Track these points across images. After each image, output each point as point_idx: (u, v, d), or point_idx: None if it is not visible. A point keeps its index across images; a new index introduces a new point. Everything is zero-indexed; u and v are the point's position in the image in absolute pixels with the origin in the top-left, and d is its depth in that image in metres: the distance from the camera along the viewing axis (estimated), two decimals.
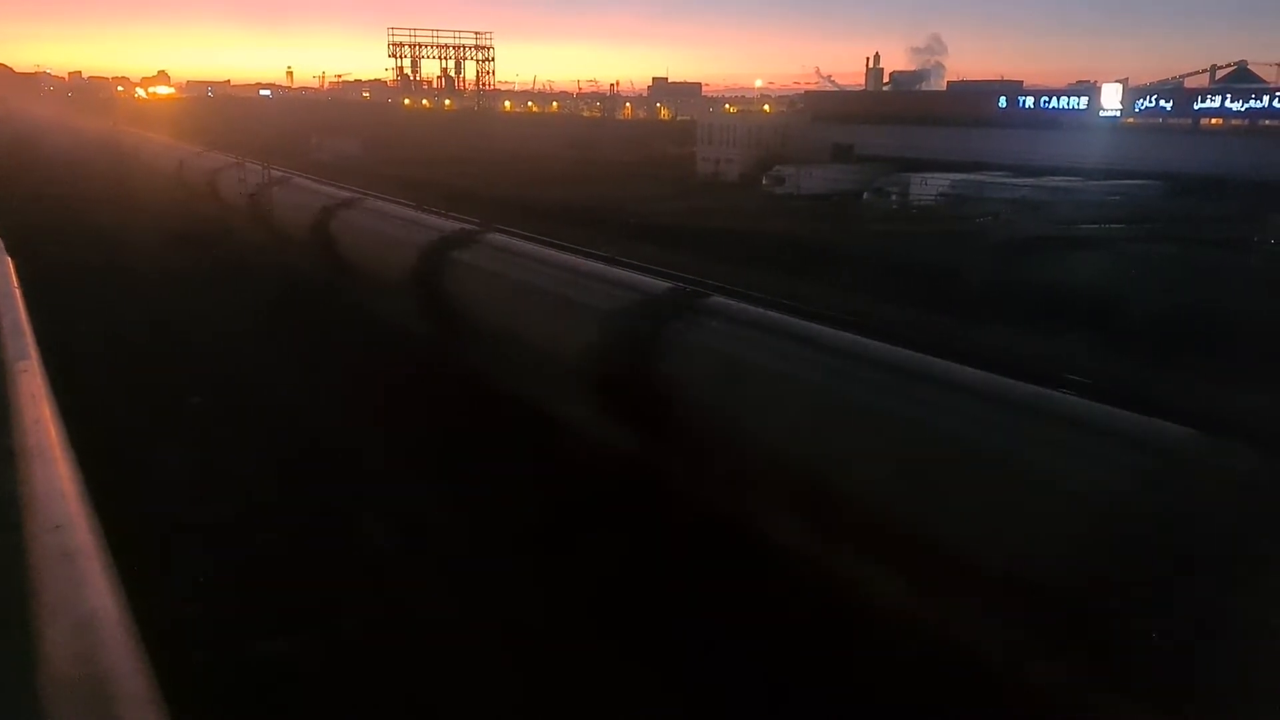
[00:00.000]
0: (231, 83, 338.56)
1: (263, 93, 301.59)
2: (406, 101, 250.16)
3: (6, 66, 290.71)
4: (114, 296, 30.50)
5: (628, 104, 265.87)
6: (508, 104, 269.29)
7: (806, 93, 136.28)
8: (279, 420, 19.93)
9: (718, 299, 15.77)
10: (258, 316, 28.70)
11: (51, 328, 9.34)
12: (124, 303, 29.84)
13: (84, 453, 5.34)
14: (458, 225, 25.59)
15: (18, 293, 8.72)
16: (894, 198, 71.75)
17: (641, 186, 77.09)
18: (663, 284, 16.91)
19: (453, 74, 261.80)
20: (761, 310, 15.11)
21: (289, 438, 18.92)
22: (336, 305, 28.99)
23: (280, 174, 41.29)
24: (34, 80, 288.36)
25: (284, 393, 21.81)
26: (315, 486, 16.48)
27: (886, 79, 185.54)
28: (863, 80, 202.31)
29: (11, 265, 11.84)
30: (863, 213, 66.11)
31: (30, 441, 4.70)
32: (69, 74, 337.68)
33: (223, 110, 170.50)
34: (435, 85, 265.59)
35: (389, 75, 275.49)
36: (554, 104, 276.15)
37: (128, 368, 22.85)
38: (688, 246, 40.11)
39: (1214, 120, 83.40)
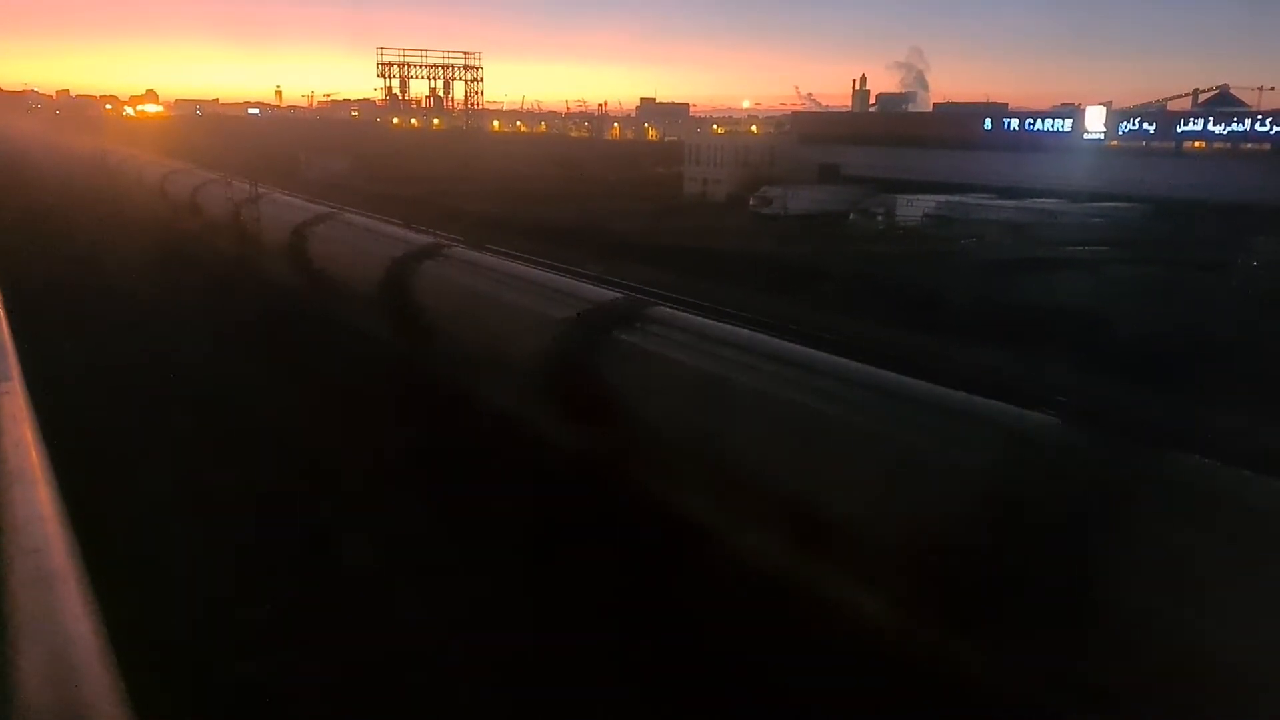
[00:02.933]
0: (220, 101, 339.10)
1: (251, 111, 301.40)
2: (395, 121, 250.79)
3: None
4: (95, 315, 30.64)
5: (615, 124, 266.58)
6: (496, 124, 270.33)
7: (794, 114, 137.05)
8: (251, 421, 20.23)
9: (661, 308, 17.03)
10: (237, 330, 29.06)
11: (35, 346, 9.40)
12: (106, 321, 29.99)
13: (64, 472, 5.42)
14: (426, 240, 26.51)
15: (0, 313, 8.78)
16: (880, 218, 72.08)
17: (627, 205, 77.52)
18: (610, 294, 18.33)
19: (441, 94, 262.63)
20: (700, 319, 16.62)
21: (264, 441, 19.17)
22: (310, 314, 29.62)
23: (262, 191, 41.83)
24: (21, 98, 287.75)
25: (259, 399, 22.20)
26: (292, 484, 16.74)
27: (873, 100, 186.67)
28: (849, 101, 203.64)
29: None
30: (849, 233, 66.45)
31: (10, 464, 4.72)
32: (57, 92, 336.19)
33: (211, 128, 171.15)
34: (424, 104, 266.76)
35: (378, 94, 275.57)
36: (542, 124, 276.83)
37: (110, 386, 22.88)
38: (670, 265, 40.31)
39: (1197, 143, 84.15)
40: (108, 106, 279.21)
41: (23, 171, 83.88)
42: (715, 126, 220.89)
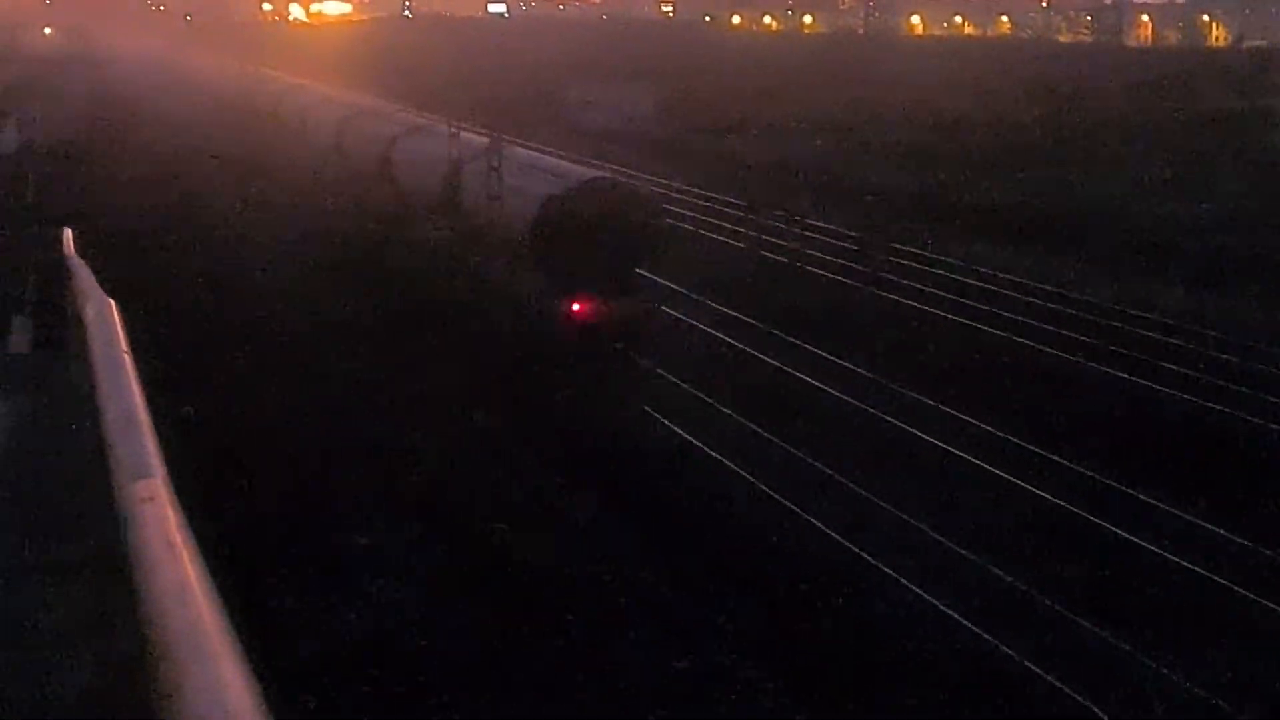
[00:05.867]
0: None
1: (494, 9, 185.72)
2: (736, 20, 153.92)
3: None
4: (236, 361, 21.23)
5: (1144, 17, 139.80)
6: (915, 20, 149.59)
7: None
8: None
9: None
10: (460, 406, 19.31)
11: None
12: (247, 369, 21.00)
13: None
14: None
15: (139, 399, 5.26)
16: None
17: (1193, 171, 39.47)
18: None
19: None
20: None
21: None
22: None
23: (513, 150, 27.35)
24: None
25: None
26: None
27: None
28: None
29: (119, 319, 7.66)
30: None
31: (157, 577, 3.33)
32: None
33: (429, 39, 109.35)
34: None
35: None
36: (1003, 19, 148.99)
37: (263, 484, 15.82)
38: None
39: None
40: (265, 6, 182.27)
41: (138, 122, 55.07)
42: None
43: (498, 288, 24.57)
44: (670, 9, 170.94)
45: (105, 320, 7.40)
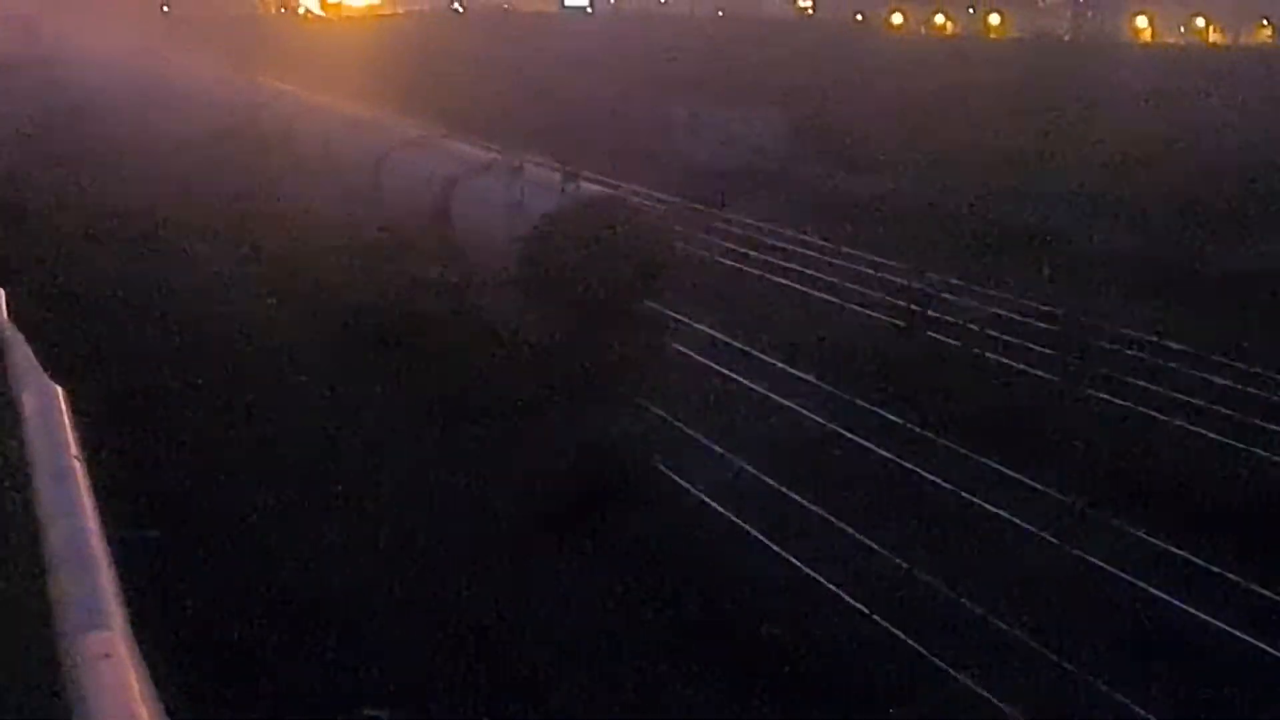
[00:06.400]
0: None
1: (573, 2, 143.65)
2: (897, 19, 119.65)
3: None
4: (229, 475, 16.65)
5: None
6: (1142, 23, 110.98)
7: None
8: None
9: None
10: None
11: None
12: (239, 482, 16.49)
13: None
14: None
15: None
16: None
17: None
18: None
19: None
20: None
21: None
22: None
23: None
24: None
25: None
26: None
27: None
28: None
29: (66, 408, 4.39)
30: None
31: None
32: None
33: (487, 44, 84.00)
34: None
35: None
36: (1264, 23, 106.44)
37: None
38: None
39: None
40: None
41: (99, 146, 42.23)
42: None
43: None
44: (809, 5, 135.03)
45: (49, 413, 5.46)
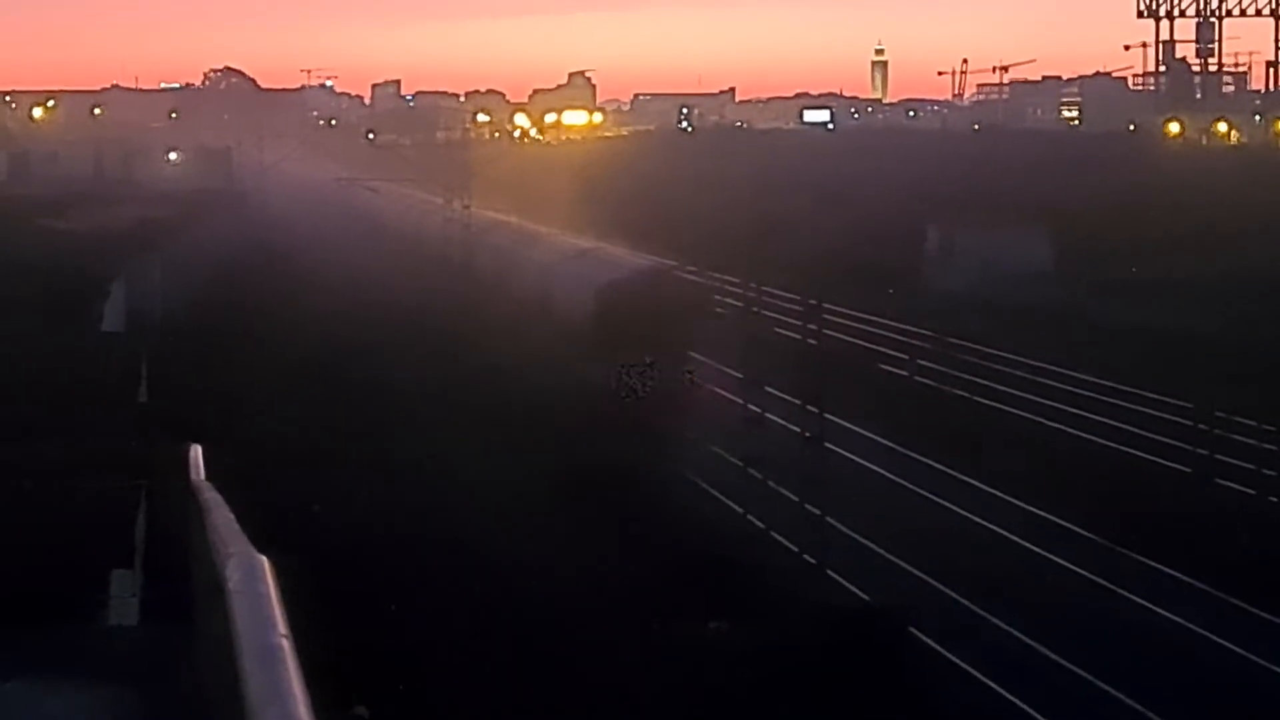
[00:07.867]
0: (737, 94, 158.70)
1: (813, 116, 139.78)
2: (1174, 129, 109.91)
3: (248, 77, 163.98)
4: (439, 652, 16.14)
5: None
6: None
7: None
8: None
9: None
10: None
11: None
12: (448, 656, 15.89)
13: None
14: None
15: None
16: None
17: None
18: None
19: None
20: None
21: None
22: None
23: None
24: (296, 99, 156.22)
25: None
26: None
27: None
28: None
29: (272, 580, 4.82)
30: None
31: None
32: (372, 87, 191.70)
33: (719, 165, 79.13)
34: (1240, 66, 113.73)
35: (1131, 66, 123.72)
36: None
37: None
38: None
39: None
40: (480, 117, 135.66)
41: (300, 286, 40.60)
42: None
43: None
44: (1074, 115, 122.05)
45: (256, 586, 4.82)
